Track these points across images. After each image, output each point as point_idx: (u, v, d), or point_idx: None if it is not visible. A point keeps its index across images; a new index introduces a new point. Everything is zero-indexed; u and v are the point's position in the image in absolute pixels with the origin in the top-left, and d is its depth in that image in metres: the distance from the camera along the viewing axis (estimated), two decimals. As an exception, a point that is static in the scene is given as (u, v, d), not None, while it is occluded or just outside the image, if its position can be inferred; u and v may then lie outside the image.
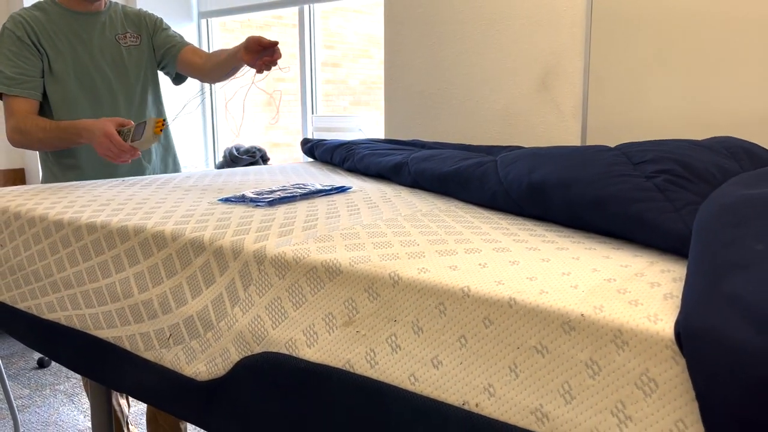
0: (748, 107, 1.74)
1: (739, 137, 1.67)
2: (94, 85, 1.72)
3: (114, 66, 1.77)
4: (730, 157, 0.88)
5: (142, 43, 1.83)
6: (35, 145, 1.67)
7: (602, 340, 0.54)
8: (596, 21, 1.97)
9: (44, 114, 1.69)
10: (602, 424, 0.54)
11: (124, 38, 1.79)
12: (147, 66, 1.83)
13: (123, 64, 1.78)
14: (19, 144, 1.66)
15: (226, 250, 0.85)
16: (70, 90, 1.69)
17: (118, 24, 1.81)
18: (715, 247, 0.56)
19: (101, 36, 1.76)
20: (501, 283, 0.63)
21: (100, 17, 1.77)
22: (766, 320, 0.47)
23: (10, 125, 1.63)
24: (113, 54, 1.77)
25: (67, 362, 1.12)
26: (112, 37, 1.78)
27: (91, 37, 1.74)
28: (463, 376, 0.62)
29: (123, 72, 1.78)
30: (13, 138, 1.64)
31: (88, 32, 1.74)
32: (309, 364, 0.74)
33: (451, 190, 1.14)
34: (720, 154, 0.87)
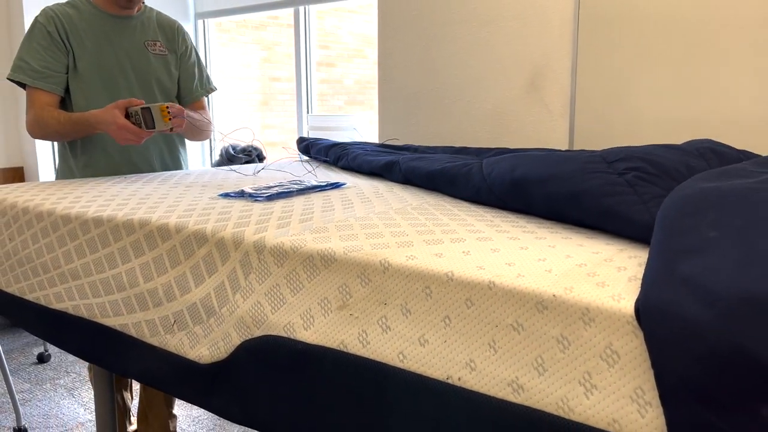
0: (733, 107, 1.81)
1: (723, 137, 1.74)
2: (116, 86, 1.75)
3: (137, 70, 1.79)
4: (699, 157, 0.94)
5: (169, 57, 1.86)
6: (53, 136, 1.72)
7: (571, 318, 0.60)
8: (583, 22, 2.03)
9: (65, 108, 1.73)
10: (571, 393, 0.60)
11: (153, 45, 1.83)
12: (167, 77, 1.86)
13: (146, 70, 1.81)
14: (38, 134, 1.71)
15: (227, 241, 0.90)
16: (93, 89, 1.72)
17: (150, 31, 1.84)
18: (674, 235, 0.62)
19: (130, 40, 1.79)
20: (482, 268, 0.69)
21: (132, 21, 1.80)
22: (714, 298, 0.53)
23: (30, 116, 1.69)
24: (139, 58, 1.80)
25: (75, 350, 1.18)
26: (141, 42, 1.80)
27: (119, 39, 1.77)
28: (447, 353, 0.68)
29: (145, 77, 1.81)
30: (32, 129, 1.69)
31: (118, 35, 1.77)
32: (306, 345, 0.79)
33: (439, 186, 1.20)
34: (689, 155, 0.93)
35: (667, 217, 0.66)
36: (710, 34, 1.81)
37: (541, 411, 0.61)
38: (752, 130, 1.78)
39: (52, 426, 2.28)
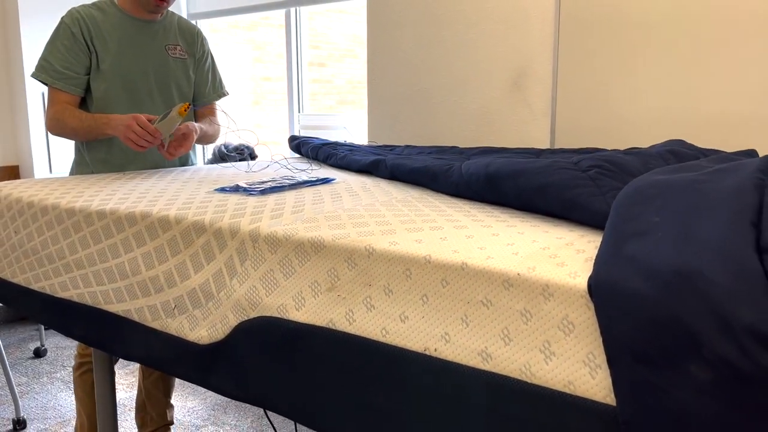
0: (710, 107, 1.90)
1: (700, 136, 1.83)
2: (136, 88, 1.81)
3: (157, 74, 1.85)
4: (658, 158, 1.02)
5: (188, 61, 1.93)
6: (70, 134, 1.78)
7: (533, 294, 0.68)
8: (564, 25, 2.11)
9: (85, 108, 1.79)
10: (532, 360, 0.68)
11: (173, 49, 1.89)
12: (186, 81, 1.93)
13: (166, 73, 1.87)
14: (56, 131, 1.78)
15: (224, 231, 0.98)
16: (114, 90, 1.78)
17: (171, 34, 1.90)
18: (624, 220, 0.70)
19: (152, 43, 1.85)
20: (456, 252, 0.76)
21: (155, 25, 1.86)
22: (653, 273, 0.61)
23: (50, 113, 1.76)
24: (159, 62, 1.86)
25: (80, 336, 1.24)
26: (162, 45, 1.87)
27: (142, 43, 1.83)
28: (425, 328, 0.76)
29: (165, 80, 1.87)
30: (51, 126, 1.77)
31: (141, 38, 1.83)
32: (298, 324, 0.87)
33: (422, 182, 1.28)
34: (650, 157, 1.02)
35: (620, 205, 0.74)
36: (687, 36, 1.90)
37: (507, 376, 0.69)
38: (729, 128, 1.87)
39: (50, 417, 2.34)
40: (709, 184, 0.71)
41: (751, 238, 0.60)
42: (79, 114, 1.74)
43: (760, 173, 0.74)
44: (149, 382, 2.03)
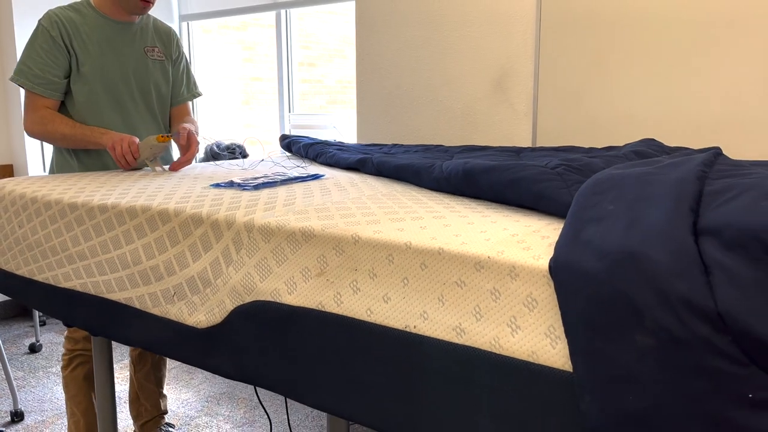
0: (686, 108, 1.99)
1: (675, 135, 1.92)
2: (118, 91, 1.85)
3: (137, 76, 1.89)
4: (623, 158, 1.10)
5: (166, 62, 1.98)
6: (56, 139, 1.81)
7: (502, 274, 0.76)
8: (544, 28, 2.20)
9: (63, 112, 1.82)
10: (501, 333, 0.75)
11: (152, 51, 1.93)
12: (164, 82, 1.97)
13: (147, 75, 1.91)
14: (38, 135, 1.81)
15: (221, 222, 1.05)
16: (95, 93, 1.81)
17: (149, 36, 1.93)
18: (582, 209, 0.78)
19: (131, 45, 1.88)
20: (434, 239, 0.84)
21: (133, 27, 1.89)
22: (604, 254, 0.69)
23: (30, 118, 1.78)
24: (139, 64, 1.89)
25: (82, 324, 1.31)
26: (140, 48, 1.90)
27: (121, 45, 1.86)
28: (405, 307, 0.83)
29: (145, 83, 1.91)
30: (32, 129, 1.79)
31: (120, 40, 1.86)
32: (290, 307, 0.94)
33: (406, 177, 1.36)
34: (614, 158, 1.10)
35: (581, 195, 0.82)
36: (665, 38, 1.99)
37: (478, 348, 0.77)
38: (703, 128, 1.96)
39: (46, 410, 2.40)
40: (658, 176, 0.79)
41: (689, 222, 0.68)
42: (69, 122, 1.78)
43: (704, 166, 0.82)
44: (141, 375, 2.09)
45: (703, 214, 0.69)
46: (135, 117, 1.90)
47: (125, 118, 1.87)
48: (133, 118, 1.89)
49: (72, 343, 1.90)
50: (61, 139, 1.80)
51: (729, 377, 0.59)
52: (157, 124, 1.97)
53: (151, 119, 1.95)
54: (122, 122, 1.86)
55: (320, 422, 2.30)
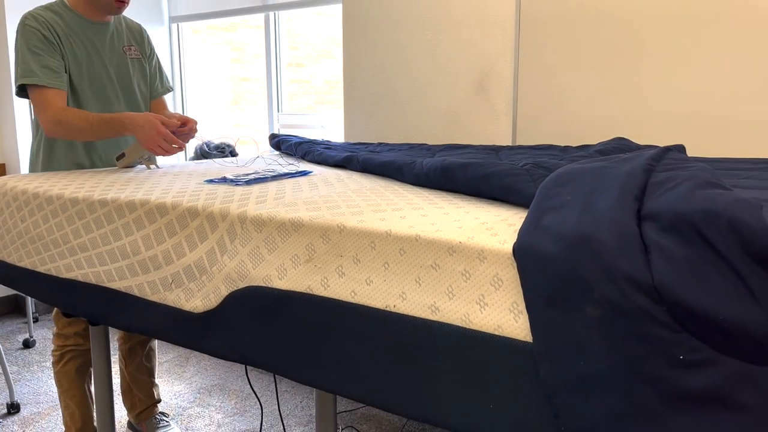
0: (659, 108, 2.09)
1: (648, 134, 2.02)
2: (104, 91, 1.90)
3: (120, 75, 1.94)
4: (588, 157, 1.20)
5: (143, 60, 2.03)
6: (76, 135, 1.78)
7: (471, 257, 0.85)
8: (523, 31, 2.29)
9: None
10: (471, 310, 0.84)
11: (129, 50, 1.98)
12: (143, 81, 2.04)
13: (128, 74, 1.96)
14: (58, 134, 1.77)
15: (216, 214, 1.13)
16: (83, 91, 1.85)
17: (124, 36, 1.99)
18: (544, 199, 0.87)
19: (111, 45, 1.93)
20: (412, 227, 0.93)
21: (109, 27, 1.93)
22: (560, 238, 0.77)
23: (47, 116, 1.74)
24: (120, 64, 1.95)
25: (84, 312, 1.38)
26: (119, 47, 1.95)
27: (102, 45, 1.90)
28: (386, 289, 0.92)
29: (128, 83, 1.96)
30: (52, 129, 1.75)
31: (100, 41, 1.90)
32: (280, 291, 1.02)
33: (390, 174, 1.44)
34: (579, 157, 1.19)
35: (543, 188, 0.91)
36: (640, 39, 2.09)
37: (450, 324, 0.85)
38: (675, 127, 2.07)
39: (42, 402, 2.46)
40: (610, 169, 0.88)
41: (633, 209, 0.77)
42: (83, 114, 1.75)
43: (652, 161, 0.92)
44: (133, 368, 2.16)
45: (646, 202, 0.79)
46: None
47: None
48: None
49: (62, 339, 1.96)
50: (80, 135, 1.78)
51: (664, 342, 0.68)
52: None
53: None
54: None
55: (309, 411, 2.38)
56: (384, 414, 2.37)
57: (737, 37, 1.93)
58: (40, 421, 2.31)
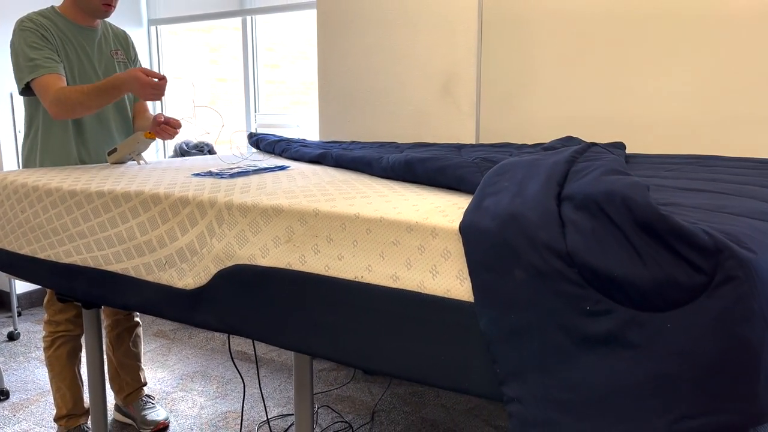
0: (610, 109, 2.28)
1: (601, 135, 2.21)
2: None
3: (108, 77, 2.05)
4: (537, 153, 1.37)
5: (128, 64, 2.15)
6: (77, 109, 1.85)
7: (426, 234, 1.01)
8: (485, 37, 2.47)
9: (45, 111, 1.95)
10: (425, 278, 1.01)
11: (117, 54, 2.10)
12: None
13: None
14: (62, 113, 1.84)
15: (205, 203, 1.28)
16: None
17: (111, 40, 2.11)
18: (486, 186, 1.04)
19: (99, 50, 2.05)
20: (377, 210, 1.09)
21: (98, 32, 2.06)
22: (496, 216, 0.94)
23: (48, 98, 1.82)
24: (109, 67, 2.06)
25: (82, 294, 1.52)
26: (107, 51, 2.07)
27: (92, 49, 2.02)
28: (355, 263, 1.08)
29: None
30: (54, 110, 1.83)
31: (90, 45, 2.02)
32: (264, 268, 1.18)
33: (360, 168, 1.61)
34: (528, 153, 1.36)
35: (487, 177, 1.08)
36: (594, 43, 2.29)
37: (409, 290, 1.02)
38: (624, 127, 2.26)
39: (30, 389, 2.57)
40: (541, 161, 1.06)
41: (555, 193, 0.94)
42: (78, 88, 1.83)
43: (576, 153, 1.09)
44: (121, 353, 2.28)
45: (566, 186, 0.96)
46: (108, 116, 2.08)
47: (101, 118, 2.06)
48: (107, 117, 2.08)
49: (53, 325, 2.09)
50: (81, 107, 1.85)
51: (574, 297, 0.86)
52: (126, 122, 2.16)
53: (121, 118, 2.14)
54: (98, 122, 2.05)
55: (287, 394, 2.53)
56: (357, 395, 2.53)
57: (683, 41, 2.14)
58: (30, 407, 2.43)
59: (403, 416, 2.36)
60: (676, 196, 1.09)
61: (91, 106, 1.86)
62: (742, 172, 1.39)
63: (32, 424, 2.30)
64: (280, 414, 2.37)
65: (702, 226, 0.81)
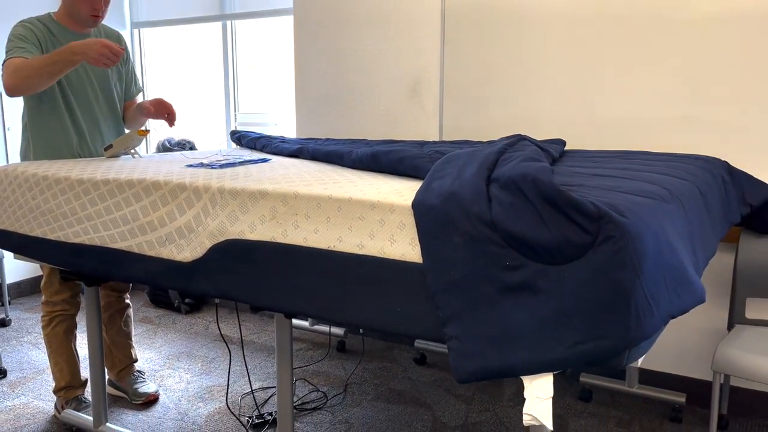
0: (561, 108, 2.56)
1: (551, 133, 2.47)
2: (85, 94, 2.20)
3: (100, 80, 2.25)
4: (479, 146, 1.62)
5: (120, 66, 2.34)
6: (32, 77, 1.92)
7: (385, 211, 1.26)
8: (447, 44, 2.73)
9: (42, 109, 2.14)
10: (384, 245, 1.25)
11: None
12: (119, 82, 2.35)
13: (107, 79, 2.27)
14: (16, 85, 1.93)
15: (200, 188, 1.50)
16: (66, 96, 2.15)
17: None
18: (434, 172, 1.29)
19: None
20: (347, 192, 1.33)
21: (90, 36, 2.25)
22: (440, 195, 1.19)
23: (6, 75, 1.94)
24: (100, 72, 2.25)
25: (90, 270, 1.73)
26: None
27: None
28: (328, 235, 1.32)
29: (107, 88, 2.28)
30: (9, 81, 1.93)
31: None
32: (252, 242, 1.41)
33: (333, 160, 1.85)
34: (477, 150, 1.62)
35: (435, 165, 1.33)
36: (547, 47, 2.56)
37: (372, 256, 1.26)
38: (571, 124, 2.54)
39: (25, 369, 2.76)
40: (478, 152, 1.31)
41: (485, 176, 1.19)
42: (35, 58, 1.93)
43: (506, 146, 1.35)
44: (113, 332, 2.48)
45: (495, 171, 1.21)
46: (99, 115, 2.28)
47: (92, 117, 2.25)
48: (98, 116, 2.27)
49: (51, 306, 2.28)
50: (37, 76, 1.93)
51: (497, 255, 1.11)
52: (117, 120, 2.35)
53: (113, 117, 2.35)
54: (91, 120, 2.24)
55: (266, 370, 2.75)
56: (331, 370, 2.77)
57: (640, 43, 2.42)
58: (27, 384, 2.61)
59: (373, 387, 2.60)
60: (587, 180, 1.35)
61: (51, 71, 1.93)
62: (650, 164, 1.67)
63: (30, 398, 2.49)
64: (261, 387, 2.60)
65: (591, 199, 1.07)
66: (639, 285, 1.03)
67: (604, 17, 2.41)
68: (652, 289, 1.05)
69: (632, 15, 2.36)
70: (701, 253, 1.36)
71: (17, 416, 2.35)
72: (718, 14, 2.22)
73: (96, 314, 2.05)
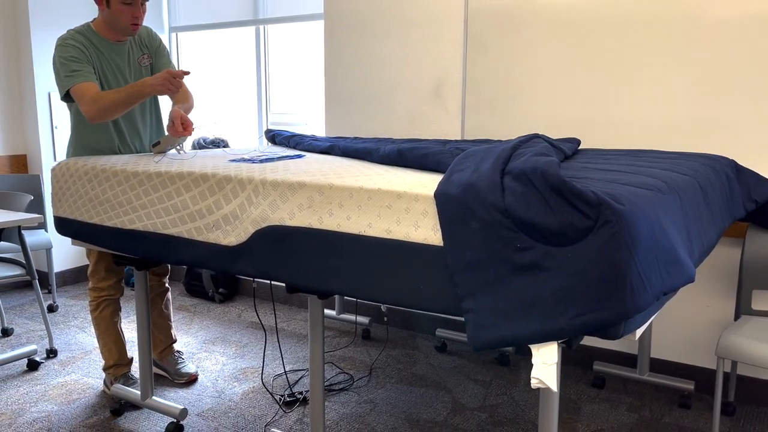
0: (584, 110, 2.69)
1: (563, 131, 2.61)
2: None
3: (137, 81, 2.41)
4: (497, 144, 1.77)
5: (153, 62, 2.51)
6: (110, 107, 2.14)
7: (410, 200, 1.41)
8: (470, 48, 2.88)
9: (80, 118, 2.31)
10: (410, 230, 1.41)
11: (142, 59, 2.45)
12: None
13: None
14: (97, 114, 2.14)
15: (244, 179, 1.68)
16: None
17: (137, 47, 2.45)
18: (455, 165, 1.45)
19: (128, 62, 2.40)
20: (376, 184, 1.49)
21: (126, 45, 2.40)
22: (459, 186, 1.34)
23: (86, 101, 2.13)
24: (136, 75, 2.41)
25: (143, 254, 1.91)
26: (135, 61, 2.42)
27: (123, 62, 2.37)
28: (359, 221, 1.48)
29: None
30: (90, 111, 2.14)
31: (121, 59, 2.37)
32: (291, 227, 1.58)
33: (362, 157, 2.01)
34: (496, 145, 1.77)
35: (456, 160, 1.48)
36: (566, 50, 2.69)
37: (397, 240, 1.42)
38: (588, 124, 2.67)
39: (74, 350, 2.97)
40: (494, 148, 1.46)
41: (500, 169, 1.34)
42: (111, 91, 2.16)
43: (520, 142, 1.50)
44: (155, 314, 2.67)
45: (509, 165, 1.36)
46: (137, 118, 2.45)
47: (130, 117, 2.42)
48: (136, 116, 2.44)
49: (98, 291, 2.48)
50: (113, 107, 2.14)
51: (509, 238, 1.26)
52: (152, 121, 2.52)
53: (150, 118, 2.53)
54: (129, 121, 2.42)
55: (296, 355, 2.93)
56: (357, 355, 2.93)
57: (658, 47, 2.54)
58: (76, 363, 2.82)
59: (396, 372, 2.76)
60: (594, 174, 1.50)
61: (126, 103, 2.16)
62: (657, 161, 1.80)
63: (80, 375, 2.70)
64: (291, 369, 2.78)
65: (593, 189, 1.22)
66: (633, 264, 1.17)
67: (622, 22, 2.54)
68: (646, 269, 1.19)
69: (650, 20, 2.48)
70: (697, 241, 1.49)
71: (69, 391, 2.55)
72: (733, 18, 2.33)
73: (144, 296, 2.24)
